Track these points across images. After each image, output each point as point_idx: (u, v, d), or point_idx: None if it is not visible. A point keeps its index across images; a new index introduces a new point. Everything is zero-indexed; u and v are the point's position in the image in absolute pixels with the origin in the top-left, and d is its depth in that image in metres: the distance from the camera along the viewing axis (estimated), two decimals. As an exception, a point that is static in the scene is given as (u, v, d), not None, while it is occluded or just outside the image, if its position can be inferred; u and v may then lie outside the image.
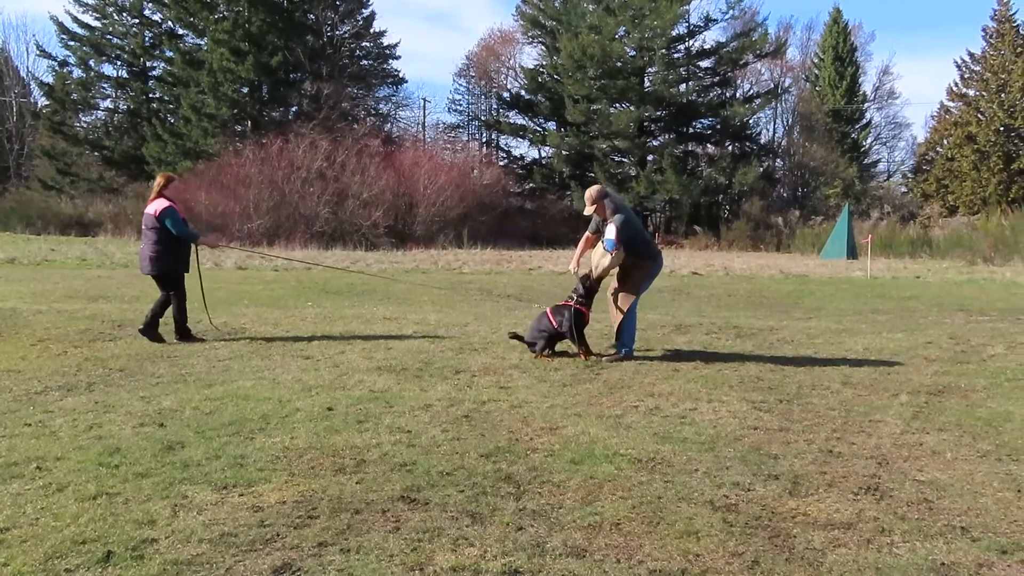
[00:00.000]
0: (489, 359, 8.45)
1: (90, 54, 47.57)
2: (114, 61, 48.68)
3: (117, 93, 49.47)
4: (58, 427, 5.67)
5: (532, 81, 53.30)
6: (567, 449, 5.29)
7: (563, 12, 50.83)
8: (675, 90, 49.42)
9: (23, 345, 8.96)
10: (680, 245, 43.19)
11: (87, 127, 49.05)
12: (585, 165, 50.23)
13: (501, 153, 57.63)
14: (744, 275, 23.36)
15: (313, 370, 7.79)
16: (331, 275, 18.53)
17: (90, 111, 49.60)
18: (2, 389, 6.84)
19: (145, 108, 47.56)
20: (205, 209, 35.42)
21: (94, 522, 4.01)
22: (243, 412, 6.12)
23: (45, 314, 11.11)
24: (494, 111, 60.56)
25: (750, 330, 10.80)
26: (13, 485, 4.52)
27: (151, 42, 47.61)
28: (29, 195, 42.97)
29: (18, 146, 49.74)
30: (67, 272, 18.68)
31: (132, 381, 7.26)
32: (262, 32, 41.91)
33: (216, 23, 42.04)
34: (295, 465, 4.92)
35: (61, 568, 3.53)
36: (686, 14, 48.04)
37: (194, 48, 45.21)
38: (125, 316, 11.08)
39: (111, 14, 47.84)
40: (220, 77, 41.11)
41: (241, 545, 3.79)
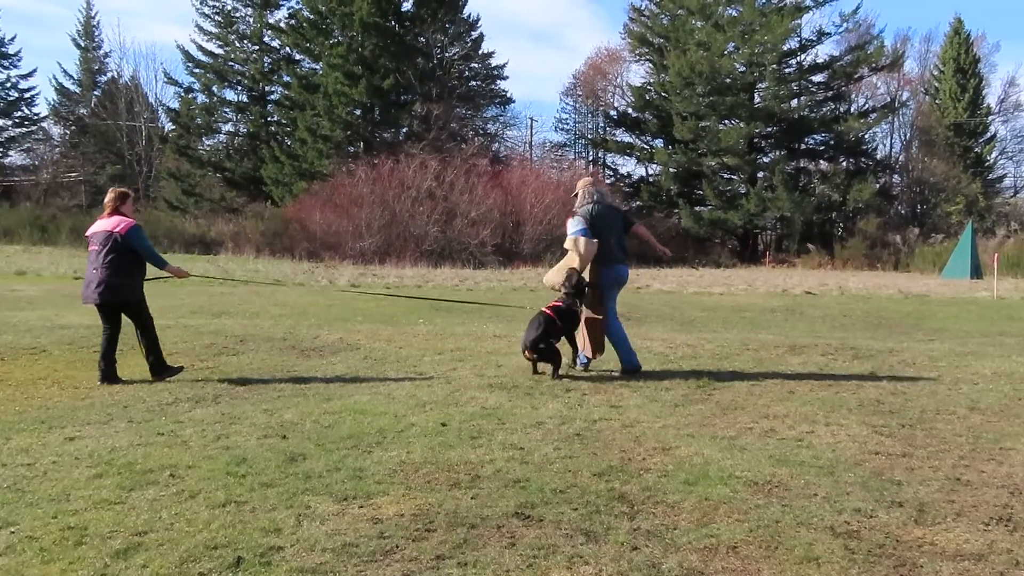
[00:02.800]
0: (599, 378, 8.45)
1: (213, 80, 49.74)
2: (235, 86, 50.79)
3: (237, 117, 51.57)
4: (188, 437, 5.95)
5: (639, 99, 53.12)
6: (680, 470, 5.24)
7: (671, 29, 50.55)
8: (786, 105, 48.45)
9: (154, 358, 9.40)
10: (792, 264, 42.23)
11: (210, 150, 51.24)
12: (693, 183, 49.69)
13: (608, 171, 57.60)
14: (860, 295, 22.66)
15: (426, 386, 7.94)
16: (441, 294, 18.83)
17: (212, 135, 51.83)
18: (136, 399, 7.21)
19: (264, 131, 49.42)
20: (319, 228, 36.55)
21: (224, 528, 4.19)
22: (360, 426, 6.28)
23: (173, 328, 11.62)
24: (601, 129, 60.59)
25: (868, 351, 10.47)
26: (149, 491, 4.76)
27: (270, 67, 49.49)
28: (156, 215, 45.10)
29: (147, 169, 52.32)
30: (191, 289, 19.51)
31: (255, 394, 7.54)
32: (374, 56, 43.07)
33: (331, 48, 43.42)
34: (412, 479, 5.03)
35: (195, 572, 3.70)
36: (798, 28, 47.16)
37: (310, 73, 46.77)
38: (247, 331, 11.51)
39: (233, 42, 49.97)
40: (334, 100, 42.38)
41: (362, 556, 3.90)
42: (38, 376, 8.27)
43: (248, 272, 25.17)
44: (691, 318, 14.98)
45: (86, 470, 5.11)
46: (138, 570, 3.69)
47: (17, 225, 40.51)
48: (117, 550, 3.90)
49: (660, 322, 14.05)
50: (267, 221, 39.69)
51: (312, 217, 37.11)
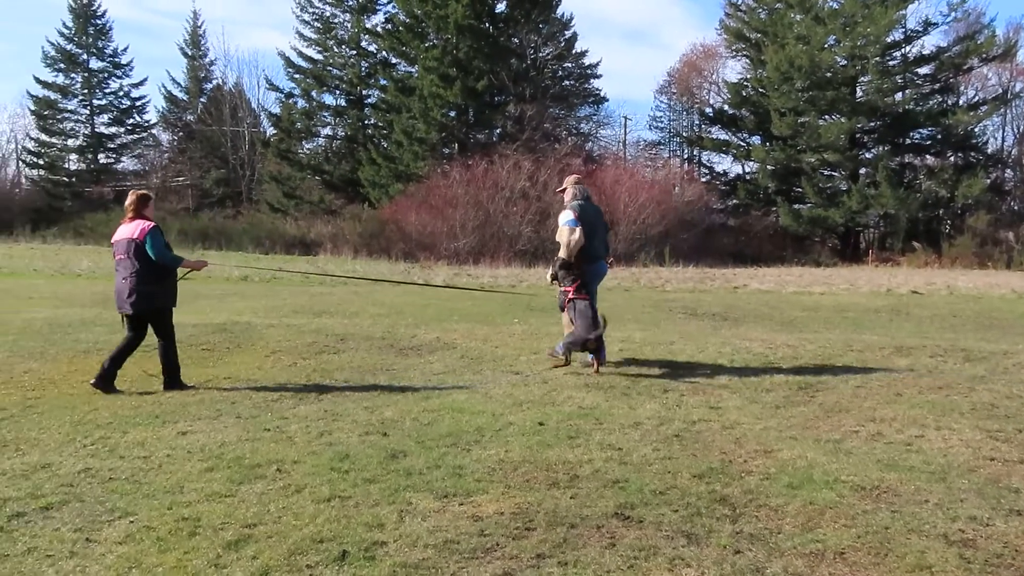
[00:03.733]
0: (697, 378, 8.34)
1: (312, 85, 50.97)
2: (333, 91, 51.92)
3: (336, 121, 52.72)
4: (293, 433, 6.11)
5: (736, 95, 52.17)
6: (784, 473, 5.13)
7: (769, 23, 49.48)
8: (890, 99, 46.86)
9: (259, 356, 9.70)
10: (896, 262, 40.85)
11: (309, 153, 52.52)
12: (792, 180, 48.52)
13: (703, 169, 56.83)
14: (971, 294, 21.77)
15: (523, 385, 7.97)
16: (536, 292, 18.86)
17: (312, 138, 53.10)
18: (244, 396, 7.44)
19: (361, 134, 50.41)
20: (415, 229, 37.05)
21: (329, 523, 4.29)
22: (459, 424, 6.35)
23: (276, 327, 11.95)
24: (696, 127, 59.79)
25: (980, 353, 10.05)
26: (257, 485, 4.91)
27: (367, 72, 50.42)
28: (259, 217, 46.51)
29: (249, 172, 53.95)
30: (293, 289, 20.03)
31: (356, 391, 7.69)
32: (469, 58, 43.44)
33: (426, 51, 44.00)
34: (510, 477, 5.05)
35: (303, 564, 3.80)
36: (902, 19, 45.50)
37: (406, 76, 47.47)
38: (347, 330, 11.74)
39: (331, 47, 51.10)
40: (430, 103, 42.91)
41: (463, 552, 3.94)
42: (151, 372, 8.59)
43: (347, 272, 25.69)
44: (791, 318, 14.65)
45: (198, 463, 5.30)
46: (249, 561, 3.81)
47: (129, 228, 42.26)
48: (229, 541, 4.03)
49: (759, 322, 13.78)
50: (364, 222, 40.44)
51: (408, 218, 37.65)
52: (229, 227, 43.70)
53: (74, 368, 8.70)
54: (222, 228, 43.32)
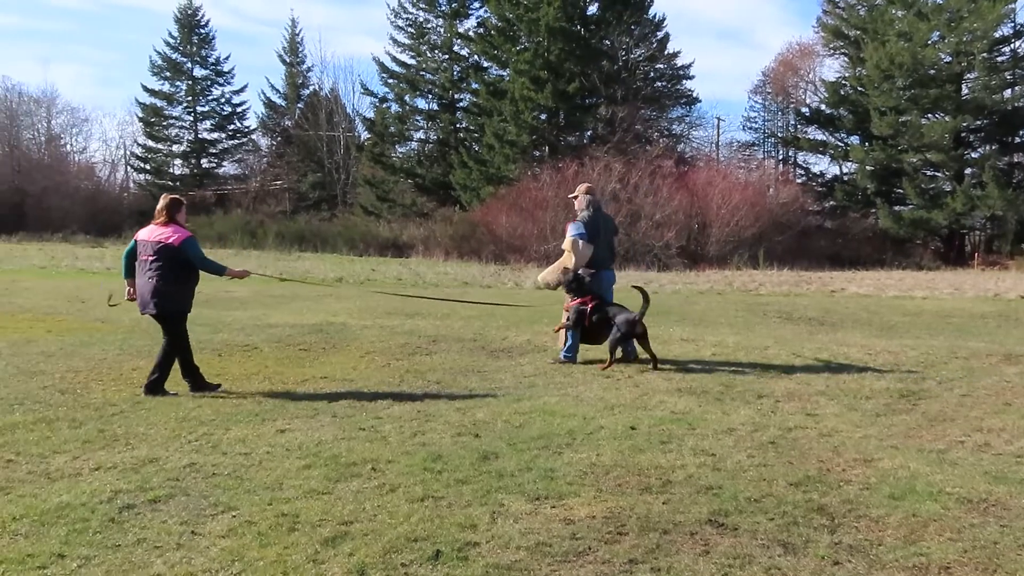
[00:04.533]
0: (793, 384, 8.16)
1: (406, 90, 51.73)
2: (426, 95, 52.59)
3: (428, 125, 53.39)
4: (387, 433, 6.21)
5: (833, 94, 50.84)
6: (884, 483, 4.99)
7: (869, 20, 48.09)
8: (998, 97, 45.02)
9: (354, 356, 9.89)
10: (1004, 266, 39.18)
11: (402, 157, 53.30)
12: (892, 181, 47.02)
13: (799, 170, 55.56)
14: (1085, 300, 20.72)
15: (614, 389, 7.93)
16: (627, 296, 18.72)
17: (405, 142, 53.89)
18: (340, 395, 7.60)
19: (453, 138, 50.93)
20: (505, 231, 37.24)
21: (423, 522, 4.35)
22: (550, 427, 6.36)
23: (370, 328, 12.18)
24: (791, 127, 58.53)
25: (1097, 362, 9.57)
26: (353, 483, 5.01)
27: (459, 76, 50.94)
28: (353, 220, 47.43)
29: (344, 176, 55.09)
30: (386, 290, 20.35)
31: (448, 393, 7.78)
32: (560, 60, 43.45)
33: (518, 54, 44.19)
34: (602, 481, 5.04)
35: (398, 562, 3.86)
36: (1011, 13, 43.67)
37: (497, 79, 47.76)
38: (439, 332, 11.88)
39: (424, 52, 51.79)
40: (521, 106, 43.08)
41: (556, 555, 3.95)
42: (251, 371, 8.86)
43: (439, 275, 25.98)
44: (891, 323, 14.20)
45: (296, 461, 5.44)
46: (345, 558, 3.89)
47: (230, 230, 43.64)
48: (326, 538, 4.12)
49: (857, 327, 13.40)
50: (456, 225, 40.85)
51: (498, 221, 37.86)
52: (324, 230, 44.68)
53: (178, 367, 8.99)
54: (317, 231, 44.32)
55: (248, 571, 3.76)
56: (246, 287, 18.92)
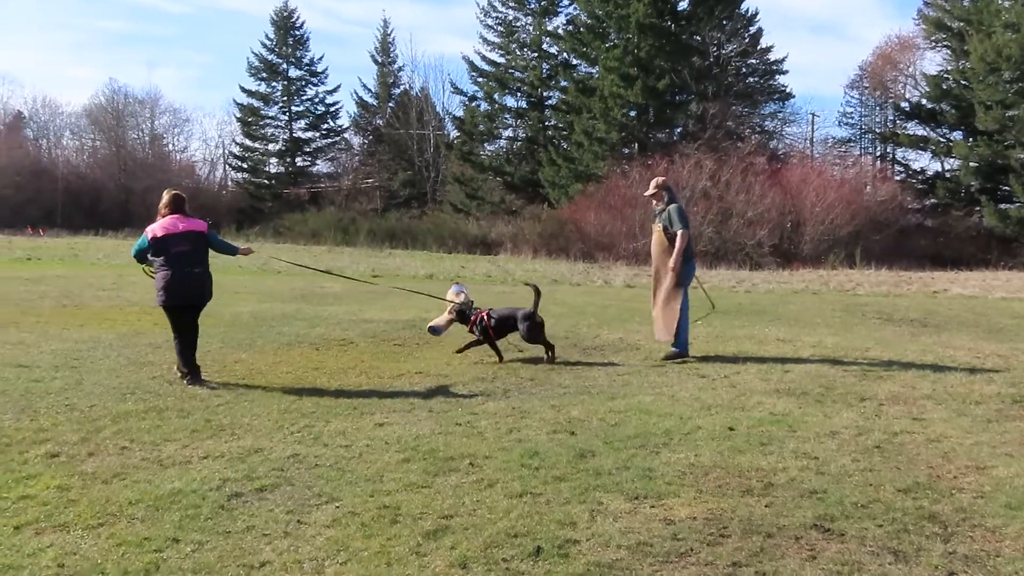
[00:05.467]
0: (897, 387, 7.91)
1: (495, 88, 51.99)
2: (515, 93, 52.74)
3: (517, 123, 53.53)
4: (484, 428, 6.25)
5: (935, 88, 49.06)
6: (1000, 492, 4.79)
7: (973, 11, 46.22)
8: (1113, 89, 42.78)
9: (446, 352, 9.98)
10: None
11: (491, 155, 53.60)
12: (999, 177, 45.09)
13: (898, 167, 53.78)
14: None
15: (710, 389, 7.82)
16: (718, 295, 18.46)
17: (494, 140, 54.14)
18: (434, 391, 7.68)
19: (541, 135, 50.96)
20: (594, 229, 37.11)
21: (522, 518, 4.36)
22: (646, 426, 6.31)
23: (460, 326, 12.25)
24: (890, 123, 56.72)
25: None
26: (452, 478, 5.05)
27: (548, 73, 50.94)
28: (442, 217, 47.93)
29: (434, 174, 55.70)
30: (476, 287, 20.49)
31: (542, 390, 7.78)
32: (650, 57, 43.05)
33: (607, 51, 43.94)
34: (702, 482, 4.97)
35: (499, 557, 3.88)
36: None
37: (586, 77, 47.62)
38: (530, 329, 11.89)
39: (513, 50, 51.96)
40: (610, 103, 42.84)
41: (657, 555, 3.91)
42: (348, 366, 9.02)
43: (527, 272, 26.03)
44: (999, 326, 13.64)
45: (395, 454, 5.51)
46: (447, 551, 3.93)
47: (323, 227, 44.62)
48: (427, 531, 4.17)
49: (963, 329, 12.91)
50: (544, 222, 40.86)
51: (587, 218, 37.74)
52: (414, 227, 45.27)
53: (279, 360, 9.23)
54: (408, 228, 44.93)
55: (353, 561, 3.82)
56: (339, 284, 19.28)
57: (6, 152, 51.99)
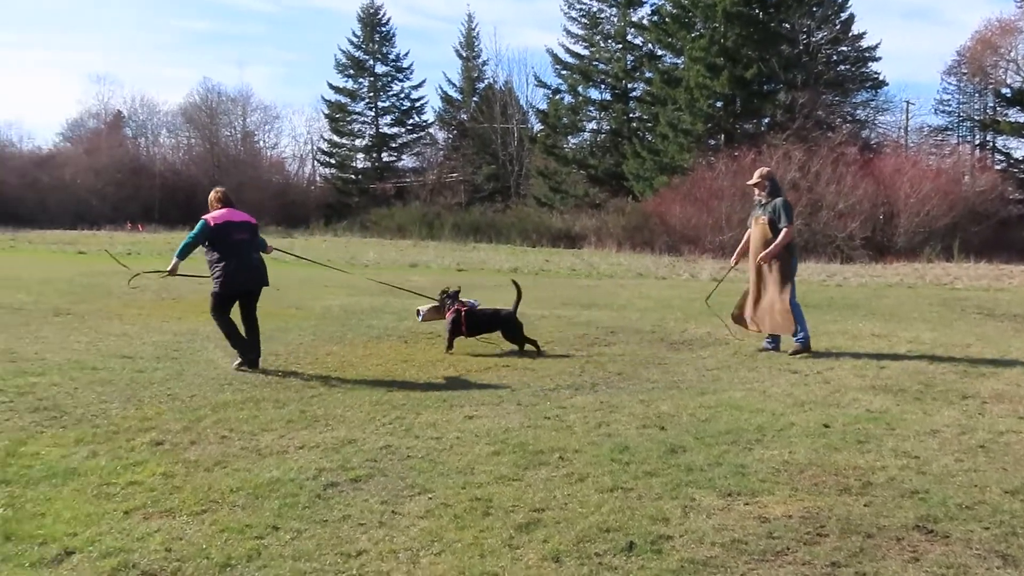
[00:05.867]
0: (1001, 385, 7.63)
1: (579, 81, 51.76)
2: (599, 85, 52.41)
3: (601, 115, 53.20)
4: (572, 422, 6.24)
5: (1039, 73, 47.01)
6: (1116, 495, 4.58)
7: (1081, -9, 44.16)
8: None
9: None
10: None
11: (575, 148, 53.41)
12: (1107, 165, 43.04)
13: (998, 156, 51.70)
14: None
15: (803, 385, 7.66)
16: (808, 288, 18.07)
17: (577, 133, 53.91)
18: (522, 384, 7.71)
19: (626, 128, 50.56)
20: (679, 222, 36.69)
21: (613, 513, 4.35)
22: (738, 422, 6.21)
23: (547, 319, 12.30)
24: (990, 110, 54.54)
25: None
26: (542, 471, 5.06)
27: (632, 65, 50.49)
28: (526, 211, 47.95)
29: (517, 168, 55.80)
30: (560, 281, 20.51)
31: (630, 384, 7.74)
32: (737, 46, 42.29)
33: (693, 41, 43.32)
34: (797, 480, 4.88)
35: (591, 551, 3.87)
36: None
37: (671, 67, 47.02)
38: (616, 323, 11.85)
39: (597, 42, 51.64)
40: (696, 93, 42.25)
41: (752, 553, 3.85)
42: (436, 358, 9.12)
43: (612, 266, 25.90)
44: (1110, 321, 13.01)
45: (485, 447, 5.55)
46: (540, 544, 3.94)
47: (409, 222, 45.15)
48: (519, 523, 4.19)
49: (1070, 325, 12.35)
50: (628, 215, 40.55)
51: (672, 211, 37.34)
52: (498, 221, 45.42)
53: (369, 352, 9.39)
54: (492, 222, 45.11)
55: (447, 552, 3.87)
56: (425, 278, 19.52)
57: (107, 151, 53.91)
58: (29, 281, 16.14)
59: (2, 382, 7.23)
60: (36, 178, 50.03)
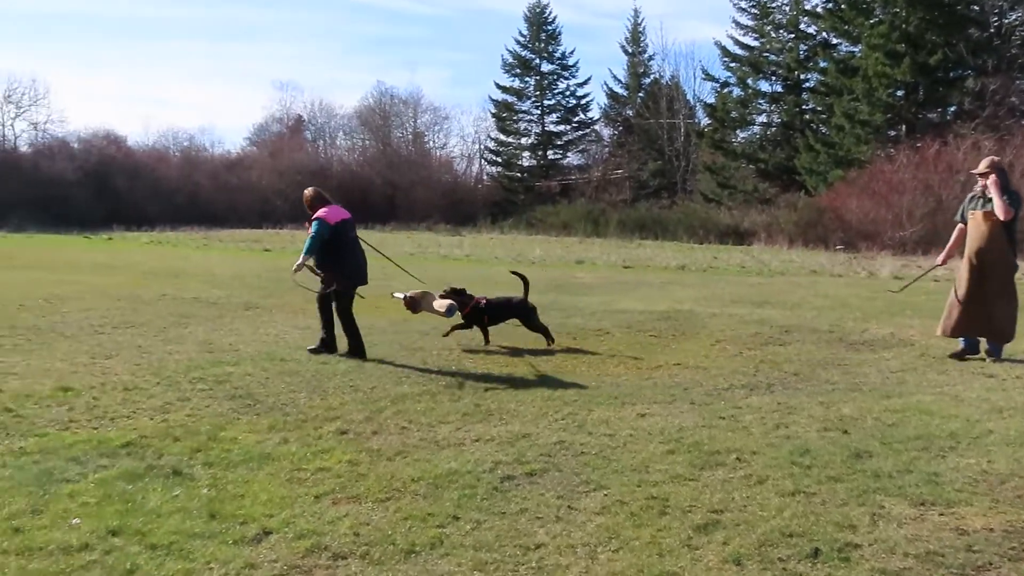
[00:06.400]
0: None
1: (748, 73, 50.37)
2: (769, 77, 50.83)
3: (771, 108, 51.59)
4: (748, 423, 6.09)
5: None
6: None
7: None
8: None
9: (704, 344, 9.82)
10: None
11: (743, 142, 52.03)
12: None
13: None
14: None
15: (1000, 390, 7.18)
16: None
17: (746, 127, 52.48)
18: (694, 383, 7.58)
19: (798, 120, 48.82)
20: (855, 217, 35.11)
21: (796, 518, 4.21)
22: (928, 428, 5.89)
23: (718, 317, 12.04)
24: None
25: None
26: (718, 472, 4.97)
27: (805, 55, 48.66)
28: (693, 207, 47.11)
29: (684, 163, 54.92)
30: (729, 278, 20.02)
31: (808, 385, 7.47)
32: (920, 31, 39.99)
33: (871, 28, 41.29)
34: (997, 491, 4.58)
35: (774, 556, 3.77)
36: None
37: (848, 56, 44.98)
38: (790, 322, 11.47)
39: (768, 32, 50.08)
40: (875, 82, 40.26)
41: (950, 567, 3.65)
42: (605, 355, 9.10)
43: (783, 263, 25.09)
44: None
45: (659, 446, 5.50)
46: (719, 546, 3.87)
47: (574, 219, 45.27)
48: (697, 524, 4.13)
49: None
50: (800, 211, 39.10)
51: (847, 206, 35.72)
52: (664, 217, 44.82)
53: (539, 348, 9.47)
54: (657, 218, 44.56)
55: (625, 549, 3.85)
56: (594, 274, 19.55)
57: (288, 154, 56.80)
58: (222, 277, 17.23)
59: (202, 371, 7.76)
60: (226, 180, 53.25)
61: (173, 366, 7.98)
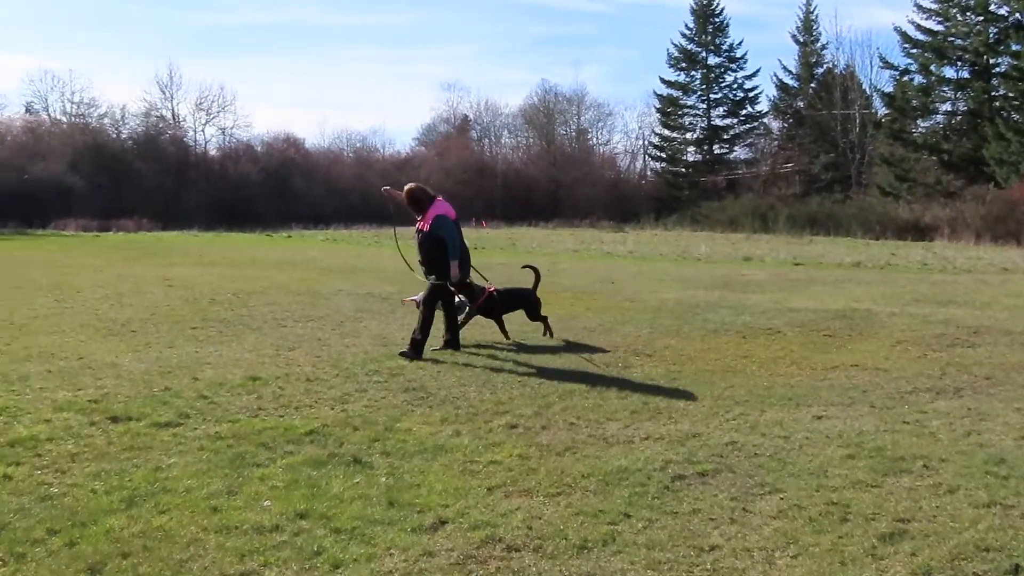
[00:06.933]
0: None
1: (931, 59, 47.60)
2: (954, 63, 47.85)
3: (956, 95, 48.56)
4: (935, 429, 5.77)
5: None
6: None
7: None
8: None
9: (883, 345, 9.36)
10: None
11: (925, 132, 49.22)
12: None
13: None
14: None
15: None
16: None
17: (928, 116, 49.63)
18: (875, 385, 7.25)
19: (987, 108, 45.72)
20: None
21: (992, 531, 3.96)
22: None
23: (898, 316, 11.46)
24: None
25: None
26: (903, 479, 4.73)
27: (996, 38, 45.51)
28: (868, 201, 45.02)
29: (859, 155, 52.48)
30: (909, 276, 19.00)
31: (1002, 391, 7.00)
32: None
33: (1072, 6, 38.22)
34: None
35: (969, 570, 3.57)
36: None
37: (1044, 37, 41.84)
38: (979, 322, 10.78)
39: (954, 16, 47.12)
40: (1075, 65, 37.26)
41: None
42: (776, 355, 8.82)
43: (969, 260, 23.58)
44: None
45: (838, 450, 5.29)
46: (907, 557, 3.69)
47: (741, 215, 44.18)
48: (882, 533, 3.94)
49: None
50: (989, 204, 36.64)
51: None
52: (837, 212, 43.00)
53: (707, 347, 9.29)
54: (830, 213, 42.80)
55: (804, 556, 3.73)
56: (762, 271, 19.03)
57: (456, 153, 58.17)
58: (393, 273, 17.80)
59: (377, 364, 8.06)
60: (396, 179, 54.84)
61: (350, 358, 8.33)
